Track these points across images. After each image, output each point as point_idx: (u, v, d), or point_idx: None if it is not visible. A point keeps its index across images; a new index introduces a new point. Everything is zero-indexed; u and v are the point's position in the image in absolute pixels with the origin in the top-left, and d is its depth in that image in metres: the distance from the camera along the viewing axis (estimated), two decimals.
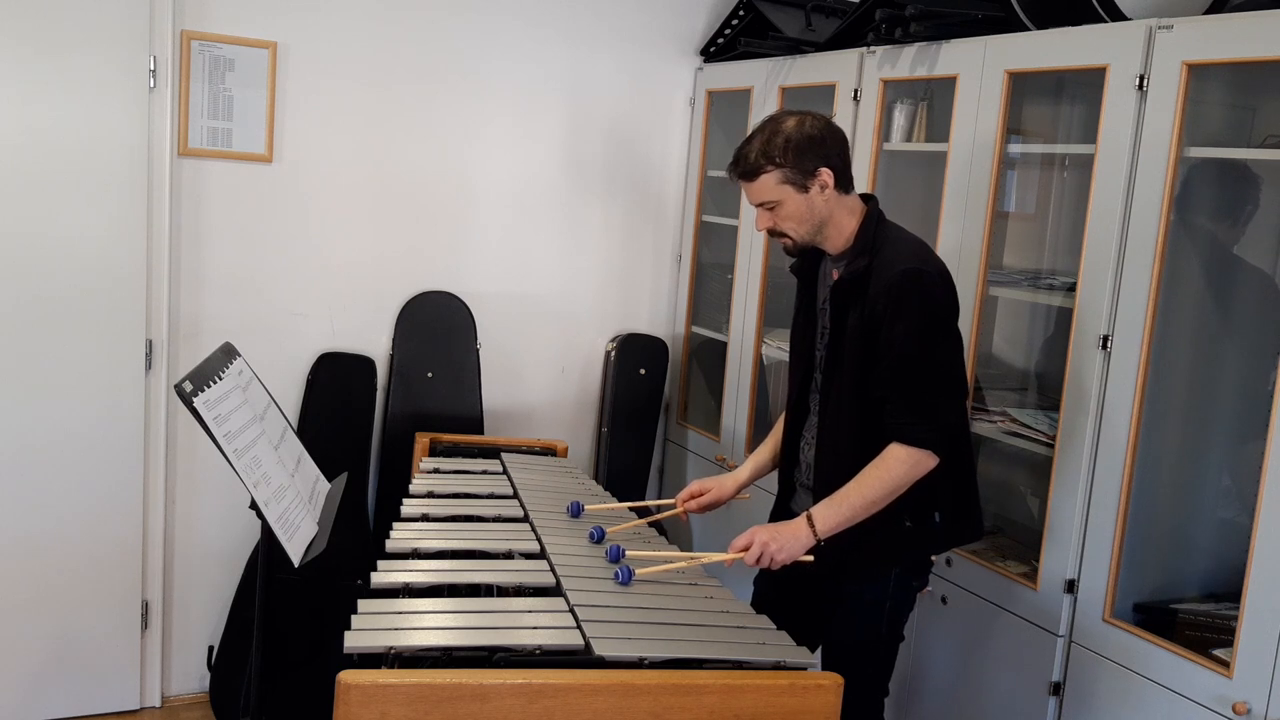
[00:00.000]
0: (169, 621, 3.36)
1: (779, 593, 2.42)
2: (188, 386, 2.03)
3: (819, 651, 2.39)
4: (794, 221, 2.21)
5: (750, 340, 3.54)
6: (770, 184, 2.18)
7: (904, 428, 2.13)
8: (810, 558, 2.17)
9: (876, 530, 2.18)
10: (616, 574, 2.15)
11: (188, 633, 3.39)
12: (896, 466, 2.12)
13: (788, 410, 2.44)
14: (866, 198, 2.28)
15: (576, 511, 2.52)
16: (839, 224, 2.22)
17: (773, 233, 2.26)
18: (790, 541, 2.15)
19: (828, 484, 2.21)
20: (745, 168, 2.20)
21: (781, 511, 2.46)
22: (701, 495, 2.49)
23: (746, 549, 2.17)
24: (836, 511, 2.15)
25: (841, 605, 2.32)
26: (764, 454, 2.54)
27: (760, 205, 2.23)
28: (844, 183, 2.21)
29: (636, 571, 2.15)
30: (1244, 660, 2.05)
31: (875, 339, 2.14)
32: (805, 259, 2.36)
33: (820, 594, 2.33)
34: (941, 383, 2.17)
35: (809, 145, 2.15)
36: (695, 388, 4.05)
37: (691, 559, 2.26)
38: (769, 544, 2.15)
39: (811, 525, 2.15)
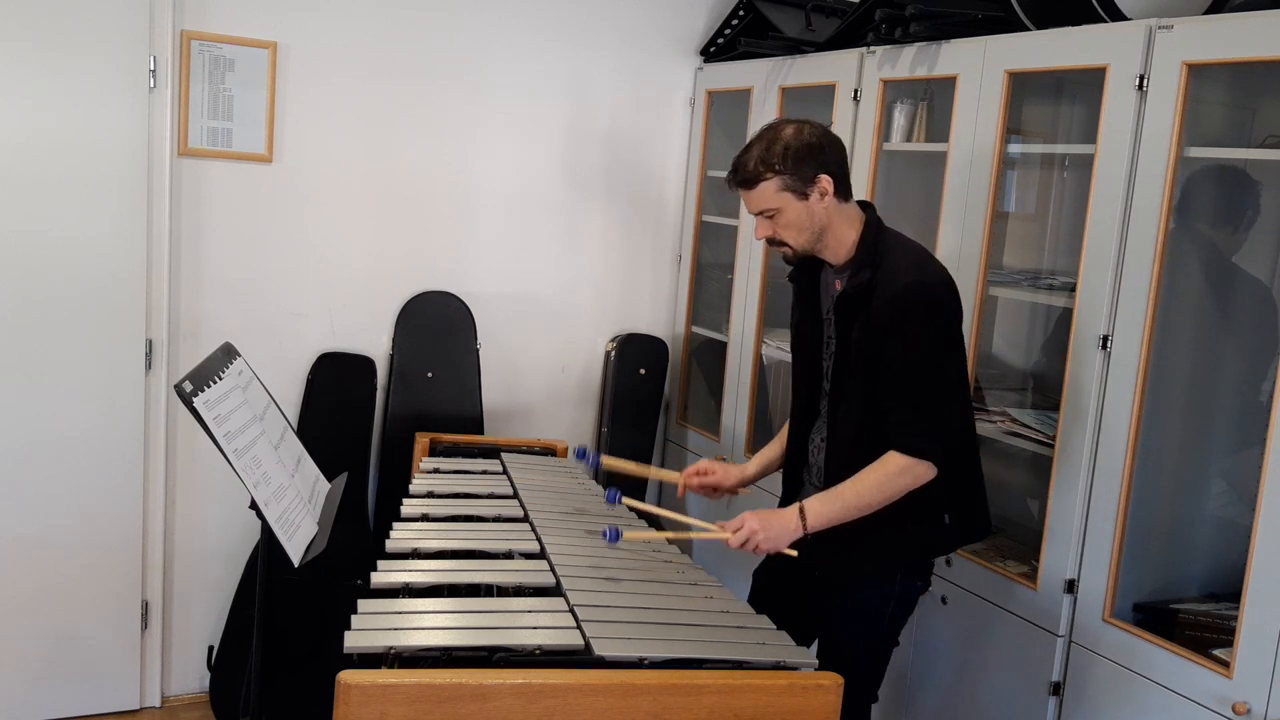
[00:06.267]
0: (169, 621, 3.36)
1: (777, 588, 2.44)
2: (188, 386, 2.03)
3: (814, 649, 2.40)
4: (794, 230, 2.22)
5: (750, 340, 3.54)
6: (770, 192, 2.19)
7: (906, 437, 2.15)
8: (794, 551, 2.19)
9: (887, 531, 2.20)
10: (604, 532, 2.22)
11: (188, 633, 3.39)
12: (894, 473, 2.15)
13: (796, 412, 2.45)
14: (864, 205, 2.29)
15: (614, 499, 2.46)
16: (838, 233, 2.23)
17: (772, 241, 2.27)
18: (779, 532, 2.18)
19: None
20: (744, 176, 2.21)
21: None
22: (707, 475, 2.52)
23: (735, 531, 2.19)
24: (829, 508, 2.17)
25: (843, 605, 2.33)
26: (771, 452, 2.56)
27: (760, 213, 2.24)
28: (843, 190, 2.22)
29: (625, 534, 2.24)
30: (1244, 660, 2.05)
31: (880, 351, 2.16)
32: (803, 267, 2.37)
33: (820, 591, 2.35)
34: (946, 392, 2.19)
35: (808, 153, 2.16)
36: (695, 388, 4.05)
37: (678, 528, 2.29)
38: (757, 531, 2.17)
39: (803, 518, 2.17)
